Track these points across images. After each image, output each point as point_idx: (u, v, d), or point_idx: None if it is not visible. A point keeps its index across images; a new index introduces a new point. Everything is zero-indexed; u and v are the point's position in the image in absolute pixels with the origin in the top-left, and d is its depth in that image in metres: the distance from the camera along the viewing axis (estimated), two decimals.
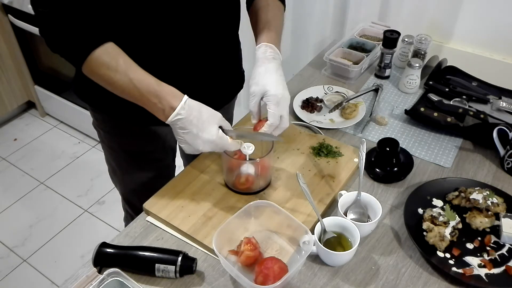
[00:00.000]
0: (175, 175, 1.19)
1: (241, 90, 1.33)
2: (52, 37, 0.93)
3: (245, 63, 1.33)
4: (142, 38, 1.01)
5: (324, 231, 0.97)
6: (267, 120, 1.01)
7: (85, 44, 0.91)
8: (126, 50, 0.94)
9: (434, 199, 1.10)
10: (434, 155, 1.24)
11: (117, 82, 0.92)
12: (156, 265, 0.91)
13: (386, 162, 1.17)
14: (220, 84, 1.22)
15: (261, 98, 1.02)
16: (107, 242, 0.96)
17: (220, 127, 0.96)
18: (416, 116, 1.33)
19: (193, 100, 0.95)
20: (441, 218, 0.99)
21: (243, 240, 0.95)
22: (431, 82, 1.44)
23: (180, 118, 0.92)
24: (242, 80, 1.32)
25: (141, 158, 1.29)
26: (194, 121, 0.92)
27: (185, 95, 0.94)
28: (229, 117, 1.39)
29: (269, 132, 1.01)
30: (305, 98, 1.42)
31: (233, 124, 1.32)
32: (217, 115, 0.96)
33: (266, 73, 1.02)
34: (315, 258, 0.97)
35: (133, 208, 1.43)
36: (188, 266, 0.91)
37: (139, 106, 0.96)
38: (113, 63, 0.91)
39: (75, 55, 0.93)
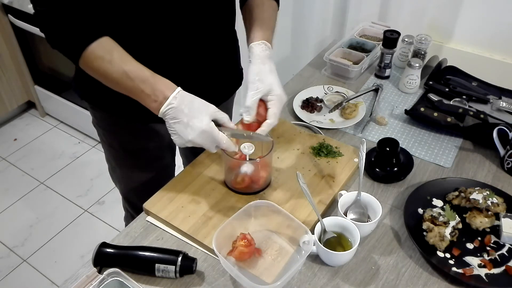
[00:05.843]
0: (175, 175, 1.19)
1: (240, 88, 1.32)
2: (50, 34, 0.95)
3: (244, 61, 1.33)
4: (138, 34, 1.01)
5: (324, 231, 0.97)
6: (257, 123, 0.99)
7: (81, 39, 0.93)
8: (123, 46, 0.96)
9: (434, 199, 1.10)
10: (434, 155, 1.24)
11: (112, 75, 0.93)
12: (156, 265, 0.91)
13: (386, 162, 1.17)
14: (217, 81, 1.22)
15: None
16: (107, 242, 0.96)
17: (214, 121, 0.94)
18: (416, 116, 1.33)
19: (186, 92, 0.94)
20: (441, 218, 0.99)
21: (239, 236, 0.95)
22: (431, 82, 1.44)
23: (172, 107, 0.91)
24: (240, 77, 1.32)
25: (140, 156, 1.29)
26: (185, 110, 0.91)
27: (179, 87, 0.94)
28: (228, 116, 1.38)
29: (265, 132, 1.00)
30: (305, 98, 1.42)
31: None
32: (210, 106, 0.95)
33: (270, 72, 1.01)
34: (315, 258, 0.97)
35: (133, 207, 1.43)
36: (188, 266, 0.91)
37: (138, 104, 0.96)
38: (108, 56, 0.93)
39: (72, 50, 0.95)
